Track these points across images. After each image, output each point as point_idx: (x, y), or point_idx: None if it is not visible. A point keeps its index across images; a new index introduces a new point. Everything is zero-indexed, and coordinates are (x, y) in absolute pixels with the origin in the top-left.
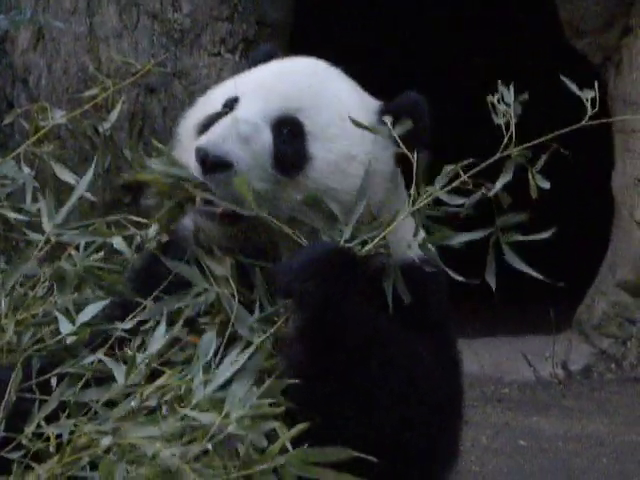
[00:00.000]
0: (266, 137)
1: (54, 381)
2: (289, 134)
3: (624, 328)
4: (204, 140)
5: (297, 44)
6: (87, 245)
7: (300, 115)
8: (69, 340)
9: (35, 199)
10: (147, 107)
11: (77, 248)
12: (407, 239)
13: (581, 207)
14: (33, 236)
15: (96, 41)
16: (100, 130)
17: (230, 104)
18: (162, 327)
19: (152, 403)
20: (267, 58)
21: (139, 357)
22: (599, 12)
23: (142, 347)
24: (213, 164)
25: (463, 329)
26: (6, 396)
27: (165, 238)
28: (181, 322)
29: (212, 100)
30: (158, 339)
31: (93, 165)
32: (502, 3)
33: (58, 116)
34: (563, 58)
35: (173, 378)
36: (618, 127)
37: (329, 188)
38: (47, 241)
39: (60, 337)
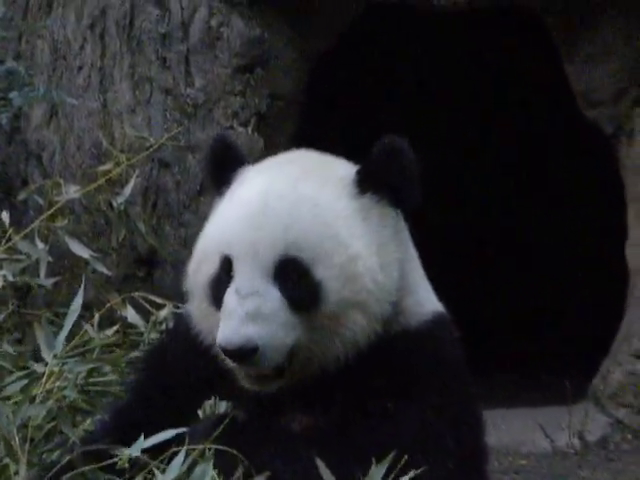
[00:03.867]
0: (274, 295)
1: None
2: (292, 274)
3: None
4: (220, 337)
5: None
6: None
7: (292, 251)
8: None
9: (50, 274)
10: (160, 181)
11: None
12: (422, 299)
13: (596, 277)
14: (35, 367)
15: (109, 117)
16: (114, 205)
17: (226, 266)
18: (181, 457)
19: None
20: (221, 148)
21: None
22: (611, 82)
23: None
24: (240, 356)
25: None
26: None
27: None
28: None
29: (209, 257)
30: (175, 469)
31: (82, 289)
32: (514, 73)
33: (72, 191)
34: (575, 128)
35: None
36: (631, 196)
37: (350, 302)
38: (50, 374)
39: (124, 457)
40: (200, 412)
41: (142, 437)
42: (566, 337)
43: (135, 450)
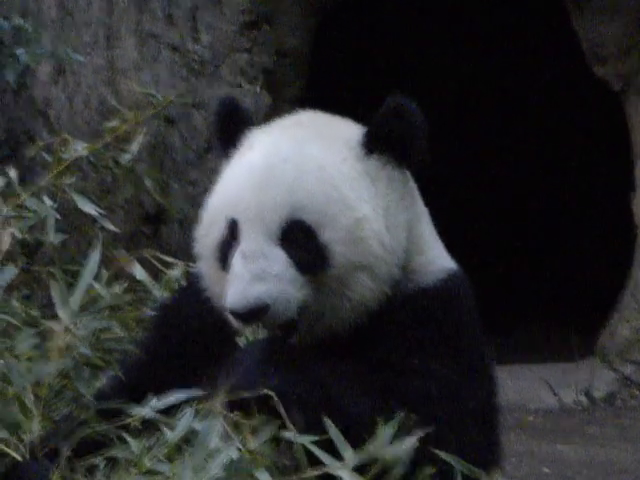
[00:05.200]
0: (280, 257)
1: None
2: (298, 237)
3: None
4: (229, 300)
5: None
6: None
7: (298, 214)
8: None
9: (58, 232)
10: (167, 139)
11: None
12: (434, 257)
13: (603, 234)
14: (51, 324)
15: (116, 74)
16: (121, 162)
17: (232, 229)
18: (190, 411)
19: None
20: (228, 111)
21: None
22: (619, 39)
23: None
24: (251, 317)
25: None
26: None
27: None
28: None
29: (217, 220)
30: (184, 424)
31: (99, 246)
32: (523, 31)
33: (79, 148)
34: (584, 85)
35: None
36: (638, 153)
37: (357, 265)
38: (66, 330)
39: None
40: (240, 340)
41: (154, 398)
42: (573, 293)
43: (148, 411)
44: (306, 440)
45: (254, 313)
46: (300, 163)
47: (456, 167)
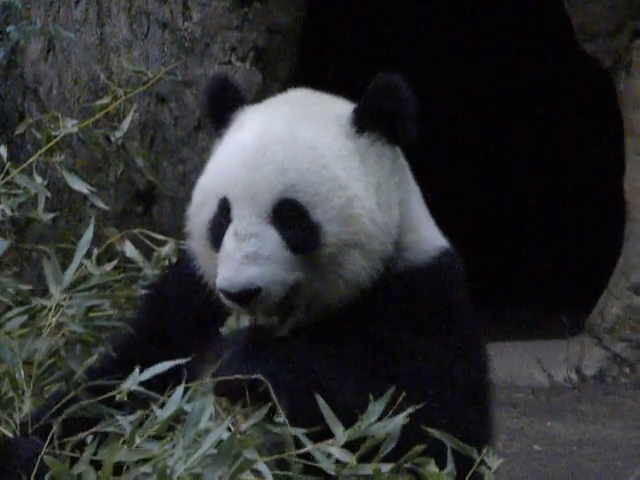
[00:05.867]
0: (272, 236)
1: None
2: (290, 216)
3: (637, 332)
4: (220, 280)
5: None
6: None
7: (290, 193)
8: (119, 396)
9: (48, 209)
10: (158, 116)
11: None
12: (426, 235)
13: (593, 211)
14: (42, 302)
15: (107, 51)
16: (112, 139)
17: (224, 209)
18: (180, 390)
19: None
20: (219, 89)
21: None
22: (609, 16)
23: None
24: (243, 298)
25: None
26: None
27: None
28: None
29: (208, 199)
30: (175, 402)
31: (92, 224)
32: (513, 7)
33: (70, 125)
34: (574, 61)
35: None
36: (629, 130)
37: (349, 243)
38: (57, 306)
39: (122, 389)
40: (223, 329)
41: (137, 370)
42: (564, 271)
43: (133, 383)
44: (296, 432)
45: (245, 294)
46: (291, 143)
47: (451, 146)
